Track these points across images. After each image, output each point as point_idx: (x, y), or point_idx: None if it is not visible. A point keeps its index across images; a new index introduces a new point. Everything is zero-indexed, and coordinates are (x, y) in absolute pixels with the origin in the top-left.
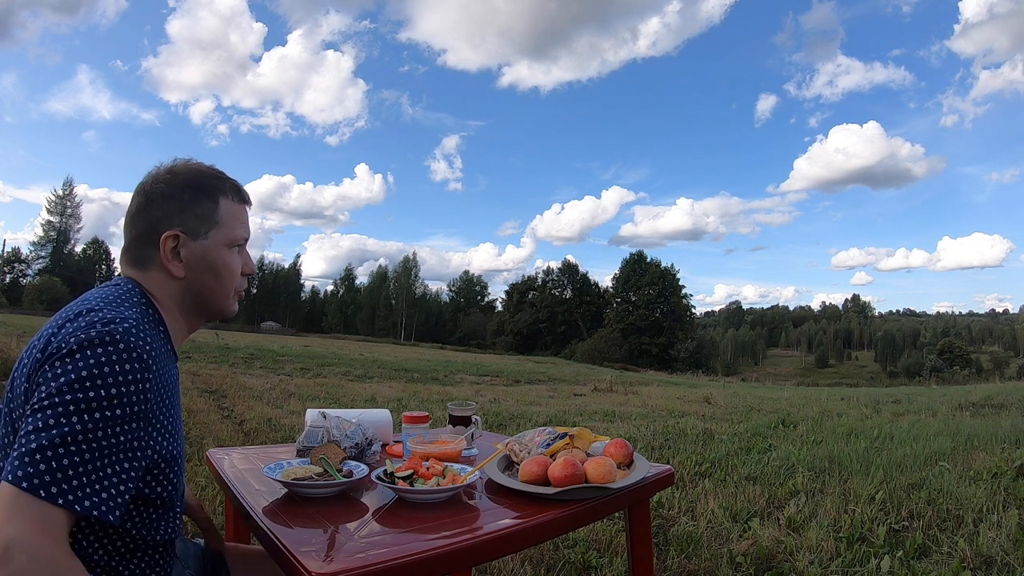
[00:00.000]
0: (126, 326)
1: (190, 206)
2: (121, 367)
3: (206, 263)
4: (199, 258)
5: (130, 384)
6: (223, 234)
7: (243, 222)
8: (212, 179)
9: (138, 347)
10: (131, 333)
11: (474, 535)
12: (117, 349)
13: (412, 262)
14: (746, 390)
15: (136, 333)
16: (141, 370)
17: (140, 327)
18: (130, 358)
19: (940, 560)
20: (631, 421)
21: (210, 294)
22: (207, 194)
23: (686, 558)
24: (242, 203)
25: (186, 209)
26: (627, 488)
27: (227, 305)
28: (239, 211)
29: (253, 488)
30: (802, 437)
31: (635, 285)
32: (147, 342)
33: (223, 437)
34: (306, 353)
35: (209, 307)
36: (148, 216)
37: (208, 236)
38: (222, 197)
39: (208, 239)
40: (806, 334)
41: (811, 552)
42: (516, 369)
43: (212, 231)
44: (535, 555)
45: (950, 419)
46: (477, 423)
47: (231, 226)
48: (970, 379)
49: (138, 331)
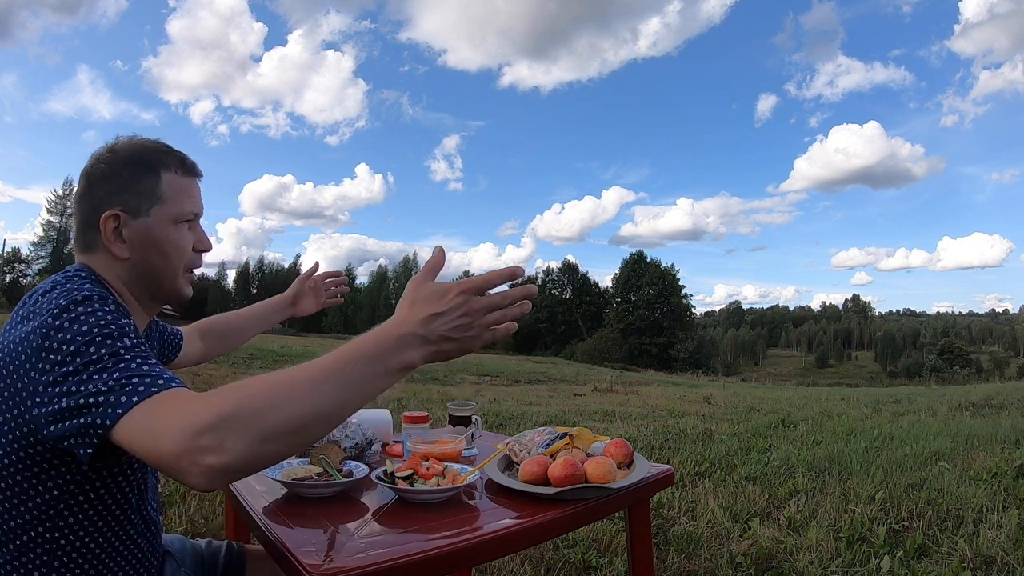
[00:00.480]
0: (88, 288)
1: (130, 183)
2: (106, 311)
3: (149, 241)
4: (142, 236)
5: (120, 318)
6: (166, 210)
7: (191, 196)
8: (154, 152)
9: (114, 301)
10: (96, 291)
11: (474, 535)
12: (90, 299)
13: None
14: (746, 390)
15: (104, 296)
16: (122, 313)
17: (105, 296)
18: (104, 302)
19: (940, 560)
20: (631, 421)
21: (158, 273)
22: (148, 168)
23: (686, 558)
24: (189, 176)
25: (127, 187)
26: (627, 488)
27: (177, 285)
28: (186, 184)
29: (253, 488)
30: (802, 437)
31: (635, 285)
32: (119, 304)
33: None
34: (306, 353)
35: (158, 289)
36: (91, 198)
37: (150, 213)
38: (164, 171)
39: (151, 216)
40: (806, 334)
41: (811, 552)
42: (516, 369)
43: (154, 207)
44: (535, 555)
45: (950, 419)
46: (477, 423)
47: (176, 201)
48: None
49: (103, 295)
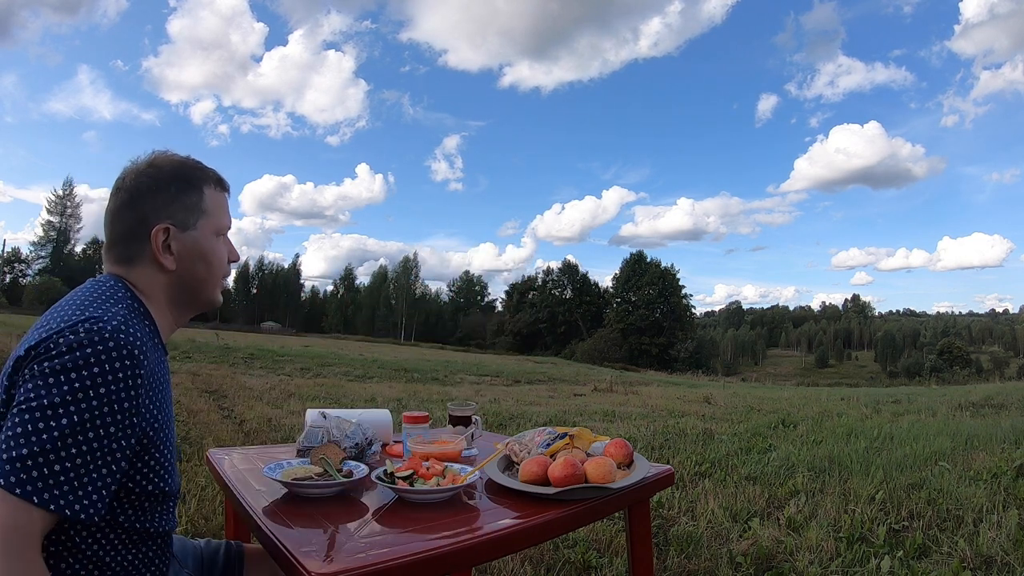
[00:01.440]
0: (115, 323)
1: (178, 197)
2: (111, 365)
3: (197, 253)
4: (190, 249)
5: (119, 382)
6: (211, 223)
7: (226, 210)
8: (195, 170)
9: (128, 343)
10: (120, 330)
11: (474, 535)
12: (107, 347)
13: (412, 262)
14: (746, 390)
15: (125, 329)
16: (132, 367)
17: (128, 323)
18: (120, 355)
19: (940, 560)
20: (631, 421)
21: (201, 284)
22: (193, 184)
23: (686, 558)
24: (223, 191)
25: (174, 201)
26: (627, 488)
27: (215, 295)
28: (222, 199)
29: (253, 488)
30: (802, 437)
31: (635, 285)
32: (137, 337)
33: (223, 437)
34: (306, 353)
35: (199, 297)
36: (135, 211)
37: (197, 226)
38: (206, 187)
39: (197, 229)
40: (806, 334)
41: (811, 552)
42: (516, 369)
43: (200, 221)
44: (535, 555)
45: (950, 419)
46: (477, 423)
47: (217, 215)
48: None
49: (127, 327)
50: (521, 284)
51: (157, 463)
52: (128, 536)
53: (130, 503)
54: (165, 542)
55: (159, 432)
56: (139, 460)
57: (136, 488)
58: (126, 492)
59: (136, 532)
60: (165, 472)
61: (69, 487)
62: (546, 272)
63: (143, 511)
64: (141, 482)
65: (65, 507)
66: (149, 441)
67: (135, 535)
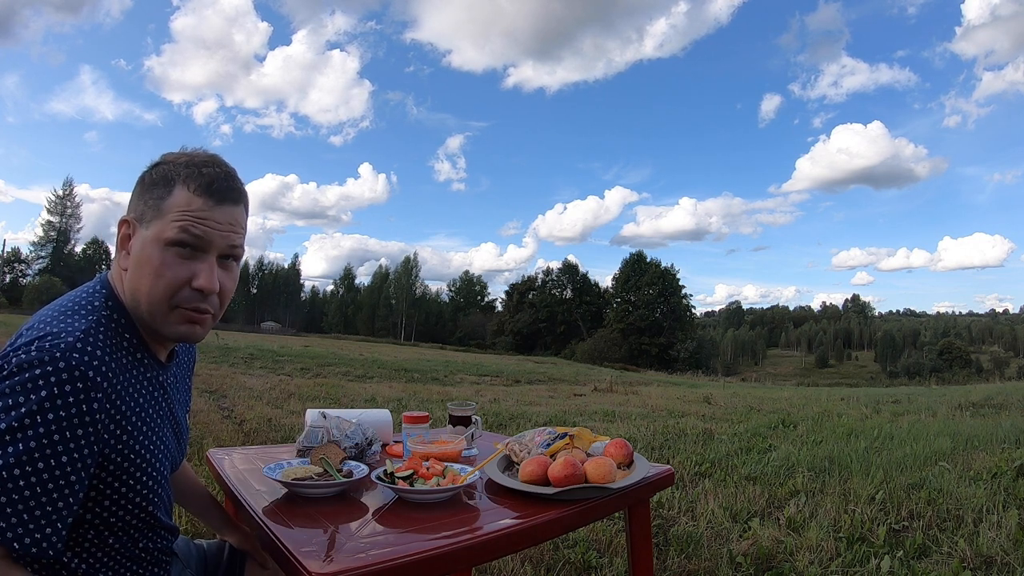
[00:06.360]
0: (70, 341)
1: (149, 189)
2: (60, 389)
3: (136, 257)
4: (136, 250)
5: (71, 407)
6: (159, 227)
7: (199, 221)
8: (180, 165)
9: (81, 364)
10: (74, 348)
11: (474, 535)
12: (56, 368)
13: (413, 262)
14: (746, 390)
15: (81, 348)
16: (84, 390)
17: (88, 340)
18: (71, 378)
19: (940, 560)
20: (631, 421)
21: (140, 297)
22: (163, 178)
23: (686, 558)
24: (205, 197)
25: (144, 192)
26: (627, 488)
27: (158, 319)
28: (196, 205)
29: (253, 488)
30: (802, 437)
31: (635, 285)
32: (95, 356)
33: (223, 437)
34: (306, 353)
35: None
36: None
37: (149, 226)
38: (179, 186)
39: (148, 229)
40: (806, 334)
41: (811, 552)
42: (516, 369)
43: (155, 221)
44: (535, 555)
45: (950, 419)
46: (477, 423)
47: (174, 220)
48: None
49: (83, 344)
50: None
51: (134, 491)
52: (121, 556)
53: (118, 528)
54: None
55: (136, 459)
56: (109, 488)
57: (112, 517)
58: (103, 520)
59: (127, 552)
60: (152, 495)
61: (18, 519)
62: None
63: (135, 531)
64: (117, 512)
65: (13, 540)
66: (120, 469)
67: (127, 553)
